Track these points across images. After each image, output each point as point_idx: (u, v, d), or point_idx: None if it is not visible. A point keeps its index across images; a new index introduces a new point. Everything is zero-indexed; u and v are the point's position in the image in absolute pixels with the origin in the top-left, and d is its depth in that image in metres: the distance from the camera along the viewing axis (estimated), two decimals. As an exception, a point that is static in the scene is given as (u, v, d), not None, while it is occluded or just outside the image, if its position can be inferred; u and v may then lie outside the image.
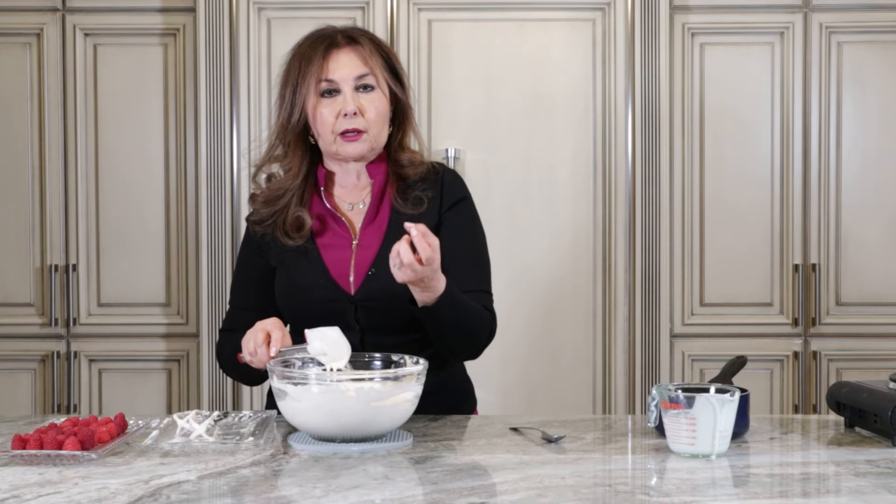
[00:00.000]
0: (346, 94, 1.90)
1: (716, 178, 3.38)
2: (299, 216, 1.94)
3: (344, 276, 1.92)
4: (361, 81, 1.92)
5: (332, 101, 1.91)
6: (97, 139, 3.41)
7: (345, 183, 1.99)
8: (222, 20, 3.26)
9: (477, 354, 1.95)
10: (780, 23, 3.38)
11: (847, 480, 1.44)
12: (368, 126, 1.91)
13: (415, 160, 1.98)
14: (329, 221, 1.97)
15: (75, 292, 3.40)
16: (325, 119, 1.90)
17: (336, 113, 1.90)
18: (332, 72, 1.90)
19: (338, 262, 1.93)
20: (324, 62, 1.90)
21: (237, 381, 2.13)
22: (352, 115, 1.89)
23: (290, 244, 1.94)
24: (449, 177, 2.00)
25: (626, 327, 3.29)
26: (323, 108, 1.90)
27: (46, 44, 3.40)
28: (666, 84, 3.27)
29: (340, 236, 1.96)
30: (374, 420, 1.61)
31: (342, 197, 1.99)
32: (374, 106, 1.91)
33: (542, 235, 3.30)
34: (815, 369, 3.39)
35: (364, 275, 1.91)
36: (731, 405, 1.56)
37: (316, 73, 1.90)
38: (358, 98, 1.91)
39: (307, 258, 1.94)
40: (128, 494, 1.36)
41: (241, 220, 3.26)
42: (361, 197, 1.98)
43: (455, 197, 1.98)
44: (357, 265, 1.92)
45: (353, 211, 1.98)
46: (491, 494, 1.36)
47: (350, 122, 1.90)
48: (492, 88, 3.29)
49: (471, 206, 2.01)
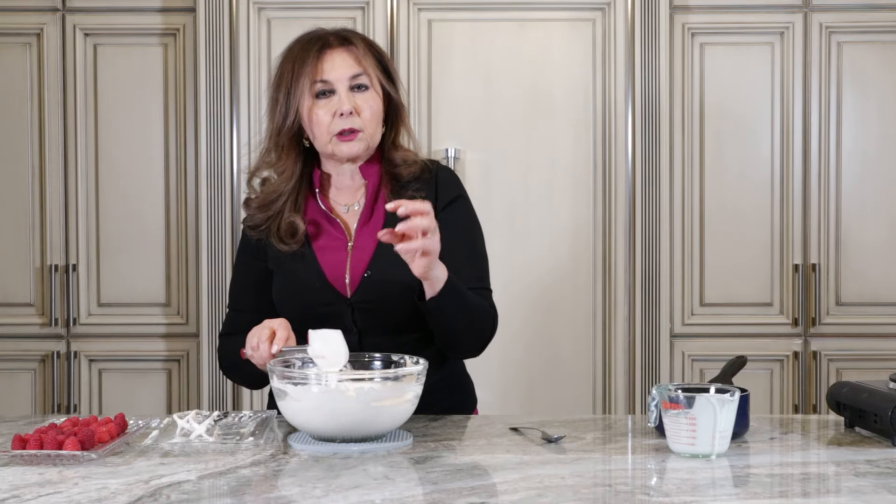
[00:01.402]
0: (342, 94, 1.90)
1: (716, 178, 3.38)
2: (293, 222, 1.93)
3: (340, 279, 1.92)
4: (356, 81, 1.92)
5: (327, 102, 1.91)
6: (97, 139, 3.41)
7: (339, 185, 1.99)
8: (222, 20, 3.26)
9: (480, 350, 1.95)
10: (780, 23, 3.38)
11: (847, 480, 1.44)
12: (364, 125, 1.91)
13: (408, 159, 1.98)
14: (324, 224, 1.97)
15: (75, 292, 3.40)
16: (321, 120, 1.90)
17: (332, 113, 1.90)
18: (326, 72, 1.90)
19: (333, 264, 1.93)
20: (317, 63, 1.90)
21: (239, 384, 2.12)
22: (348, 115, 1.89)
23: (286, 249, 1.94)
24: (443, 175, 2.00)
25: (626, 327, 3.29)
26: (318, 110, 1.90)
27: (46, 44, 3.40)
28: (666, 84, 3.27)
29: (336, 238, 1.95)
30: (374, 420, 1.61)
31: (337, 199, 1.99)
32: (368, 105, 1.91)
33: (542, 235, 3.30)
34: (815, 369, 3.39)
35: (360, 277, 1.91)
36: (731, 405, 1.56)
37: (310, 75, 1.90)
38: (353, 98, 1.91)
39: (303, 261, 1.94)
40: (128, 494, 1.36)
41: (240, 221, 3.26)
42: (356, 198, 1.98)
43: (450, 195, 1.98)
44: (353, 267, 1.92)
45: (348, 213, 1.98)
46: (491, 494, 1.36)
47: (346, 121, 1.90)
48: (492, 88, 3.29)
49: (467, 203, 2.01)
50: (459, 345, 1.91)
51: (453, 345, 1.91)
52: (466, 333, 1.88)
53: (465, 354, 1.98)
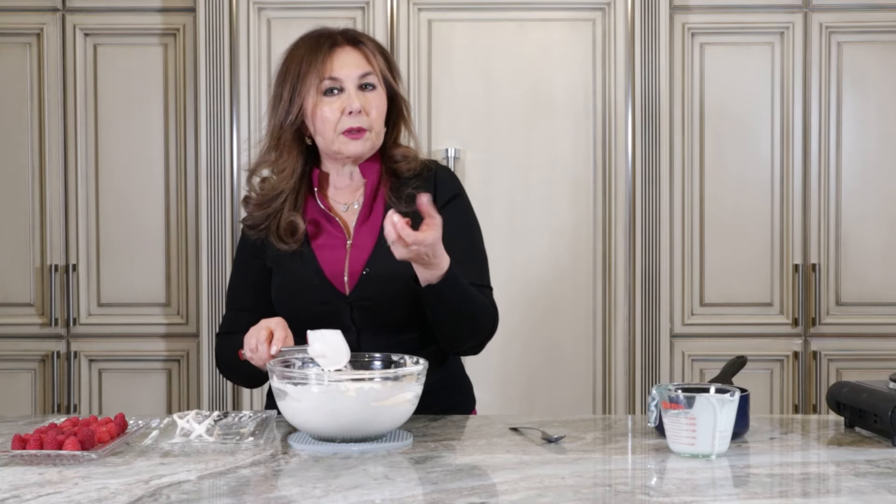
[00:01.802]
0: (350, 92, 1.90)
1: (716, 177, 3.38)
2: (292, 221, 1.93)
3: (338, 277, 1.92)
4: (365, 80, 1.92)
5: (334, 100, 1.91)
6: (97, 139, 3.41)
7: (339, 184, 1.99)
8: (222, 20, 3.26)
9: (479, 347, 1.94)
10: (780, 23, 3.38)
11: (847, 480, 1.44)
12: (372, 125, 1.92)
13: (408, 155, 1.98)
14: (323, 223, 1.97)
15: (75, 292, 3.40)
16: (328, 117, 1.90)
17: (339, 110, 1.90)
18: (336, 70, 1.91)
19: (332, 262, 1.93)
20: (328, 60, 1.90)
21: (237, 384, 2.12)
22: (356, 113, 1.90)
23: (285, 248, 1.94)
24: (442, 174, 2.00)
25: (626, 327, 3.29)
26: (325, 107, 1.90)
27: (46, 44, 3.40)
28: (666, 84, 3.27)
29: (335, 237, 1.96)
30: (374, 420, 1.61)
31: (336, 198, 1.99)
32: (376, 105, 1.92)
33: (542, 235, 3.30)
34: (815, 369, 3.39)
35: (359, 275, 1.91)
36: (731, 405, 1.56)
37: (319, 72, 1.90)
38: (362, 96, 1.91)
39: (302, 260, 1.94)
40: (128, 494, 1.36)
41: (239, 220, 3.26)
42: (355, 197, 1.99)
43: (449, 194, 1.98)
44: (351, 265, 1.92)
45: (347, 211, 1.98)
46: (491, 494, 1.36)
47: (355, 120, 1.90)
48: (492, 88, 3.29)
49: (465, 202, 2.01)
50: (458, 337, 1.89)
51: (452, 338, 1.89)
52: (465, 326, 1.87)
53: (464, 349, 1.96)
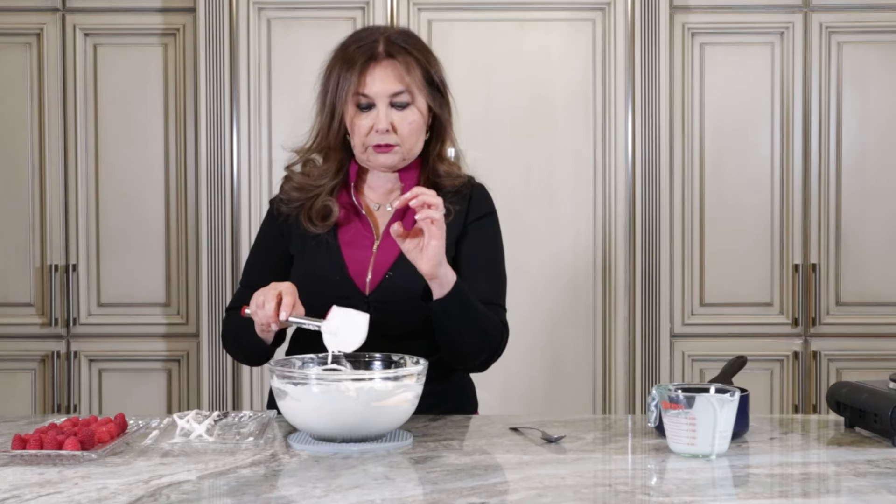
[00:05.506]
0: (381, 111, 1.91)
1: (716, 177, 3.38)
2: (327, 205, 1.95)
3: (361, 275, 1.92)
4: (396, 99, 1.92)
5: (366, 115, 1.91)
6: (97, 139, 3.41)
7: (375, 185, 2.00)
8: (222, 20, 3.26)
9: (485, 365, 1.93)
10: (780, 23, 3.38)
11: (847, 480, 1.44)
12: (401, 141, 1.92)
13: (452, 173, 2.00)
14: (353, 218, 1.98)
15: (75, 292, 3.40)
16: (359, 131, 1.92)
17: (369, 127, 1.91)
18: (367, 87, 1.91)
19: (357, 260, 1.94)
20: (361, 76, 1.91)
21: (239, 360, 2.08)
22: (384, 132, 1.90)
23: (313, 231, 1.94)
24: (478, 191, 2.04)
25: (626, 327, 3.29)
26: (359, 120, 1.92)
27: (46, 44, 3.40)
28: (666, 84, 3.27)
29: (363, 235, 1.96)
30: (374, 420, 1.61)
31: (370, 196, 2.01)
32: (407, 122, 1.92)
33: (542, 235, 3.29)
34: (815, 369, 3.39)
35: (381, 276, 1.91)
36: (731, 405, 1.56)
37: (354, 87, 1.91)
38: (392, 114, 1.91)
39: (327, 251, 1.94)
40: (128, 494, 1.36)
41: (241, 220, 3.27)
42: (390, 199, 1.99)
43: (482, 211, 2.01)
44: (375, 266, 1.93)
45: (378, 210, 1.99)
46: (491, 494, 1.36)
47: (382, 137, 1.91)
48: (492, 88, 3.29)
49: (495, 221, 2.04)
50: (464, 354, 1.89)
51: (457, 354, 1.89)
52: (472, 343, 1.87)
53: (469, 366, 1.95)
